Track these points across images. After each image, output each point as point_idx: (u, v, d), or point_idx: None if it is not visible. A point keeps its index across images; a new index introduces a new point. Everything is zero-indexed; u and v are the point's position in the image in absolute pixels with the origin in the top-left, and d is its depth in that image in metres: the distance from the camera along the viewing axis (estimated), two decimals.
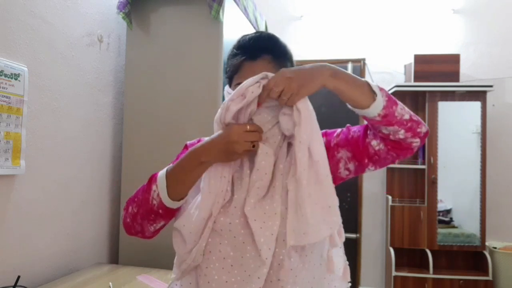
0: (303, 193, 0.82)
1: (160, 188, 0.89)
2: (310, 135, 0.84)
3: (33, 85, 1.56)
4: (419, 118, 0.90)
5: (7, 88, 1.41)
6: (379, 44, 3.96)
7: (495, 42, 3.80)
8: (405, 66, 3.87)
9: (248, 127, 0.86)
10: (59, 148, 1.72)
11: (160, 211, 0.90)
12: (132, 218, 0.93)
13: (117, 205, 2.09)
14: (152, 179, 0.92)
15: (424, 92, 3.60)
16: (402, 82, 3.79)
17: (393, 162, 0.93)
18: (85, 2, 1.86)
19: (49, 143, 1.67)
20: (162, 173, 0.91)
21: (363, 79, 0.88)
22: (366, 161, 0.92)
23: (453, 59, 3.63)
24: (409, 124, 0.87)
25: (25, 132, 1.50)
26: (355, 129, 0.96)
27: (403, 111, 0.87)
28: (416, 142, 0.90)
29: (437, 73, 3.60)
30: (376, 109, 0.85)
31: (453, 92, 3.59)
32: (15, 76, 1.45)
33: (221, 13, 1.86)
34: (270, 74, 0.86)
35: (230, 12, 1.96)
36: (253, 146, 0.86)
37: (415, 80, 3.62)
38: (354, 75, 0.88)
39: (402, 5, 3.95)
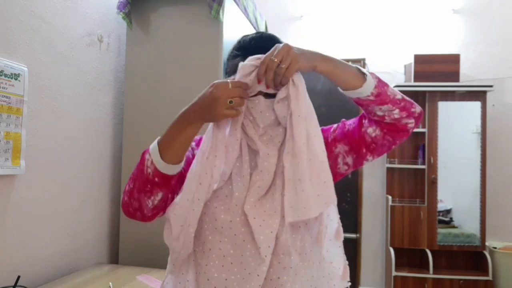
0: (303, 167, 0.82)
1: (153, 155, 0.87)
2: (308, 108, 0.85)
3: (33, 85, 1.56)
4: (412, 100, 0.93)
5: (7, 88, 1.41)
6: (379, 44, 3.96)
7: (495, 42, 3.80)
8: (405, 66, 3.87)
9: (230, 84, 0.83)
10: (59, 148, 1.72)
11: (156, 179, 0.87)
12: (129, 195, 0.90)
13: (117, 205, 2.09)
14: (145, 151, 0.90)
15: (424, 92, 3.60)
16: (402, 82, 3.79)
17: (389, 149, 0.95)
18: (85, 2, 1.86)
19: (49, 143, 1.67)
20: (154, 142, 0.90)
21: (353, 65, 0.90)
22: (364, 150, 0.94)
23: (453, 59, 3.63)
24: (402, 104, 0.90)
25: (25, 132, 1.50)
26: (350, 122, 0.97)
27: (395, 91, 0.91)
28: (411, 123, 0.92)
29: (437, 73, 3.60)
30: (368, 88, 0.87)
31: (453, 92, 3.59)
32: (15, 76, 1.45)
33: (221, 13, 1.86)
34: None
35: (230, 12, 1.97)
36: (236, 107, 0.84)
37: (415, 80, 3.62)
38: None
39: (402, 5, 3.95)
